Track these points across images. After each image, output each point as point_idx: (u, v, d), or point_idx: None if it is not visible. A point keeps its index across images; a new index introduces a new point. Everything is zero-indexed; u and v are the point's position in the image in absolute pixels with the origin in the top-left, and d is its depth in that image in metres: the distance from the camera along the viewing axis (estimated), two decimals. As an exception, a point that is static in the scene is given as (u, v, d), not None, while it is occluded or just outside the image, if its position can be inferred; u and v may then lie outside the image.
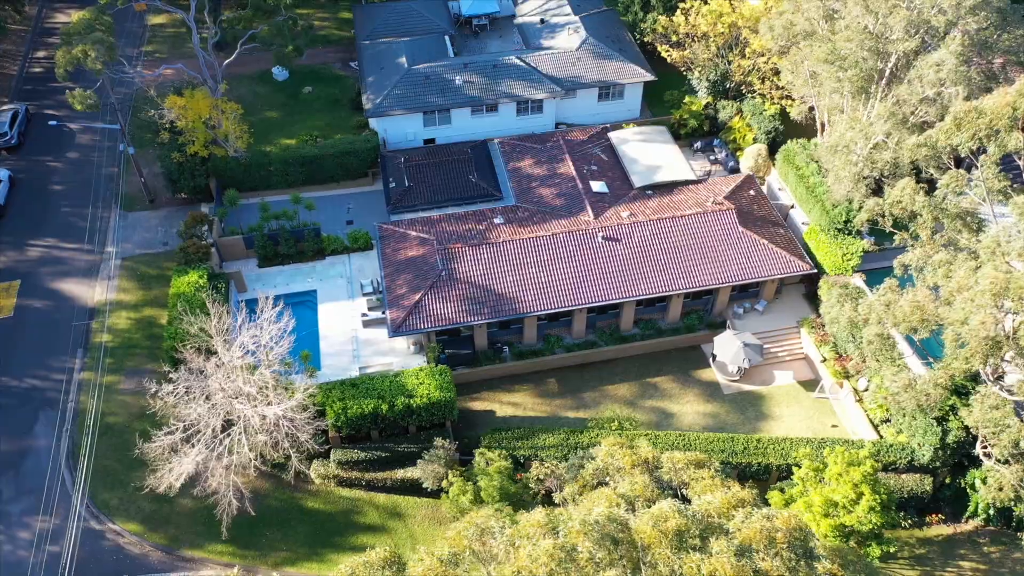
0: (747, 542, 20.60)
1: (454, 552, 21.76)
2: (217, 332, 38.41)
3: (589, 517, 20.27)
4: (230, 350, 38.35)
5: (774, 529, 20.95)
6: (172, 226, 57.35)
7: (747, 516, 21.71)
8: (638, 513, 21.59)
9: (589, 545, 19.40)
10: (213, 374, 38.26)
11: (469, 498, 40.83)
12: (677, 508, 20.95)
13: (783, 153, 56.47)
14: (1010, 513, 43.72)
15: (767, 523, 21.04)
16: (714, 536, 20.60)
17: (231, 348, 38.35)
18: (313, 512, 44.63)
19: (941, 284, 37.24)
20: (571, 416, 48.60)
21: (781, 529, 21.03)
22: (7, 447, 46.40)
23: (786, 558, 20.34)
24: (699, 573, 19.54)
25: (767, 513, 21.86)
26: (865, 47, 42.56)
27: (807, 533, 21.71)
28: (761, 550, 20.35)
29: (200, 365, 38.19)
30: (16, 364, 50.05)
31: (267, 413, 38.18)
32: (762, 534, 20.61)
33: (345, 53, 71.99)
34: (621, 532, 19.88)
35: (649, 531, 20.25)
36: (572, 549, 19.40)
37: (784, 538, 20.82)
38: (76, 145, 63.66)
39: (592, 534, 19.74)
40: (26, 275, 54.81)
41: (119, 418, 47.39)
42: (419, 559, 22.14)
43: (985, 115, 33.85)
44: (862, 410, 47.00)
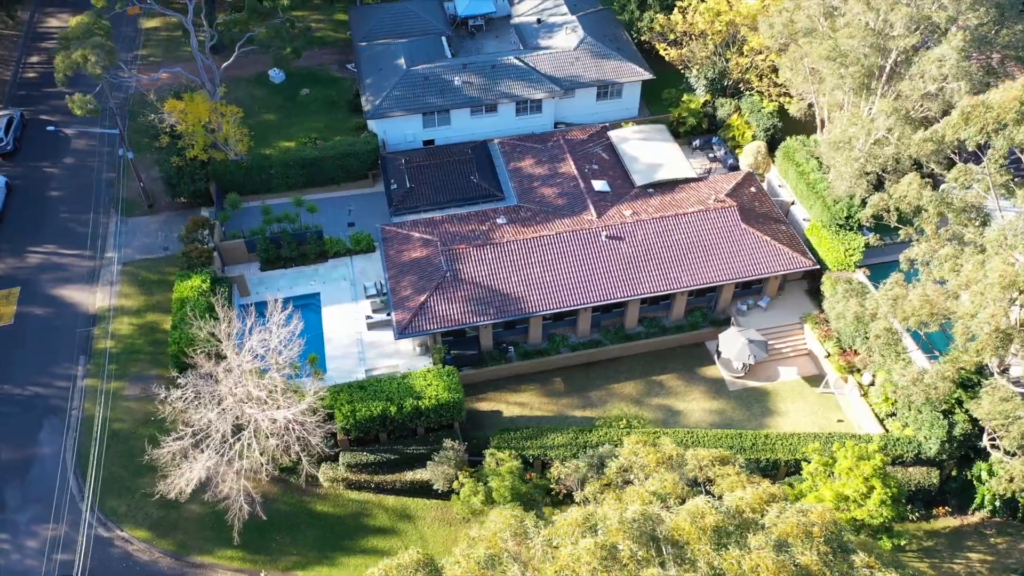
0: (784, 537, 20.71)
1: (491, 554, 21.72)
2: (227, 336, 38.22)
3: (626, 515, 20.30)
4: (240, 354, 38.16)
5: (810, 523, 21.06)
6: (172, 231, 57.05)
7: (781, 511, 21.84)
8: (672, 510, 21.65)
9: (629, 543, 19.42)
10: (223, 378, 38.07)
11: (480, 499, 40.81)
12: (713, 504, 21.05)
13: (783, 150, 56.73)
14: (1016, 504, 44.11)
15: (803, 518, 21.14)
16: (750, 532, 20.68)
17: (241, 352, 38.16)
18: (322, 515, 44.51)
19: (948, 278, 37.49)
20: (578, 415, 48.65)
21: (817, 523, 21.14)
22: (11, 455, 46.04)
23: (823, 552, 20.47)
24: (739, 568, 19.63)
25: (801, 508, 21.97)
26: (867, 43, 42.80)
27: (841, 527, 21.86)
28: (799, 544, 20.46)
29: (211, 369, 38.00)
30: (18, 372, 49.67)
31: (277, 417, 38.03)
32: (799, 528, 20.72)
33: (341, 55, 71.81)
34: (659, 529, 19.94)
35: (688, 527, 20.32)
36: (613, 547, 19.43)
37: (820, 532, 20.93)
38: (72, 150, 63.22)
39: (631, 532, 19.78)
40: (26, 282, 54.40)
41: (124, 424, 47.11)
42: (455, 562, 22.08)
43: (993, 109, 34.15)
44: (867, 404, 47.27)
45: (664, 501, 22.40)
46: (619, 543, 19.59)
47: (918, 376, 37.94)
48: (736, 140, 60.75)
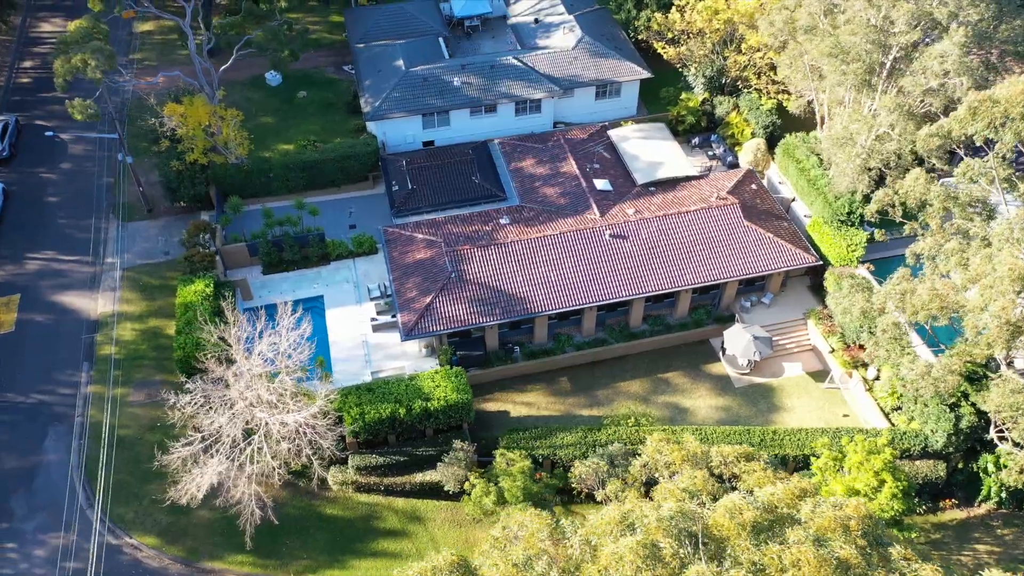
0: (822, 531, 20.83)
1: (529, 555, 21.68)
2: (237, 340, 38.03)
3: (663, 512, 20.34)
4: (250, 358, 37.99)
5: (847, 517, 21.18)
6: (172, 235, 56.73)
7: (815, 506, 21.96)
8: (708, 507, 21.73)
9: (670, 541, 19.44)
10: (234, 383, 37.90)
11: (492, 499, 40.79)
12: (749, 500, 21.11)
13: (783, 147, 57.02)
14: (1022, 495, 44.47)
15: (839, 512, 21.27)
16: (784, 527, 20.78)
17: (251, 356, 37.99)
18: (332, 519, 44.37)
19: (955, 272, 37.77)
20: (585, 414, 48.71)
21: (854, 517, 21.26)
22: (17, 464, 45.66)
23: (861, 546, 20.59)
24: (780, 563, 19.72)
25: (835, 502, 22.10)
26: (869, 40, 43.07)
27: (877, 521, 22.00)
28: (837, 538, 20.58)
29: (222, 374, 37.82)
30: (21, 379, 49.25)
31: (288, 420, 37.88)
32: (836, 522, 20.83)
33: (337, 57, 71.61)
34: (696, 526, 19.98)
35: (727, 523, 20.38)
36: (654, 545, 19.45)
37: (858, 526, 21.05)
38: (69, 156, 62.73)
39: (671, 530, 19.81)
40: (25, 289, 53.94)
41: (130, 431, 46.81)
42: (492, 564, 22.02)
43: (1000, 103, 34.45)
44: (873, 399, 47.56)
45: (695, 498, 22.46)
46: (660, 541, 19.62)
47: (926, 370, 38.18)
48: (735, 138, 60.99)
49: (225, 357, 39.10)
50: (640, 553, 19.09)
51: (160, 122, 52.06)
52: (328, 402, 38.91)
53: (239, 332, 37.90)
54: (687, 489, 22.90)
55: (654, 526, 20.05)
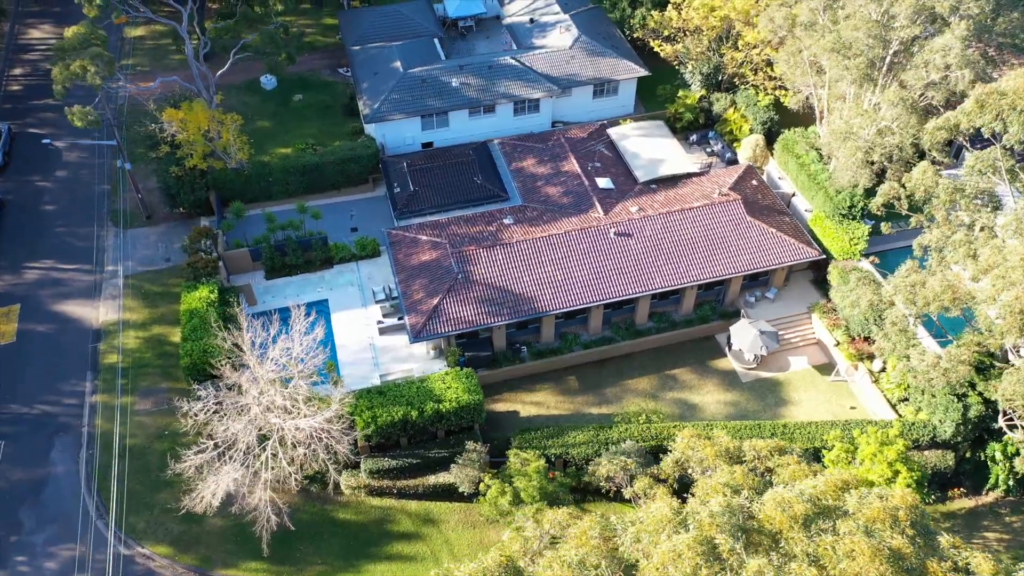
0: (871, 522, 21.00)
1: (583, 554, 21.63)
2: (250, 346, 37.79)
3: (715, 508, 20.43)
4: (263, 363, 37.76)
5: (895, 508, 21.36)
6: (173, 242, 56.28)
7: (861, 497, 22.13)
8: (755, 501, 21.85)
9: (726, 537, 19.53)
10: (248, 388, 37.65)
11: (508, 499, 40.76)
12: (797, 493, 21.25)
13: (782, 142, 57.31)
14: (1029, 483, 44.99)
15: (886, 502, 21.43)
16: (831, 518, 20.92)
17: (265, 361, 37.75)
18: (345, 523, 44.19)
19: (963, 263, 38.13)
20: (594, 412, 48.78)
21: (901, 508, 21.44)
22: (24, 476, 45.13)
23: (910, 535, 20.77)
24: (834, 554, 19.85)
25: (881, 493, 22.28)
26: (871, 35, 43.41)
27: (923, 511, 22.20)
28: (887, 529, 20.74)
29: (237, 380, 37.56)
30: (25, 390, 48.69)
31: (303, 425, 37.68)
32: (885, 513, 21.01)
33: (332, 59, 71.29)
34: (747, 521, 20.07)
35: (780, 517, 20.49)
36: (711, 541, 19.53)
37: (906, 516, 21.25)
38: (64, 163, 62.08)
39: (725, 526, 19.87)
40: (25, 299, 53.33)
41: (138, 439, 46.39)
42: (547, 564, 21.98)
43: (1007, 95, 34.83)
44: (879, 391, 47.94)
45: (738, 493, 22.58)
46: (716, 537, 19.70)
47: (937, 361, 38.53)
48: (733, 134, 61.25)
49: (239, 363, 38.82)
50: (698, 550, 19.15)
51: (160, 127, 51.59)
52: (343, 406, 38.69)
53: (253, 337, 37.61)
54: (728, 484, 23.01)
55: (707, 522, 20.13)
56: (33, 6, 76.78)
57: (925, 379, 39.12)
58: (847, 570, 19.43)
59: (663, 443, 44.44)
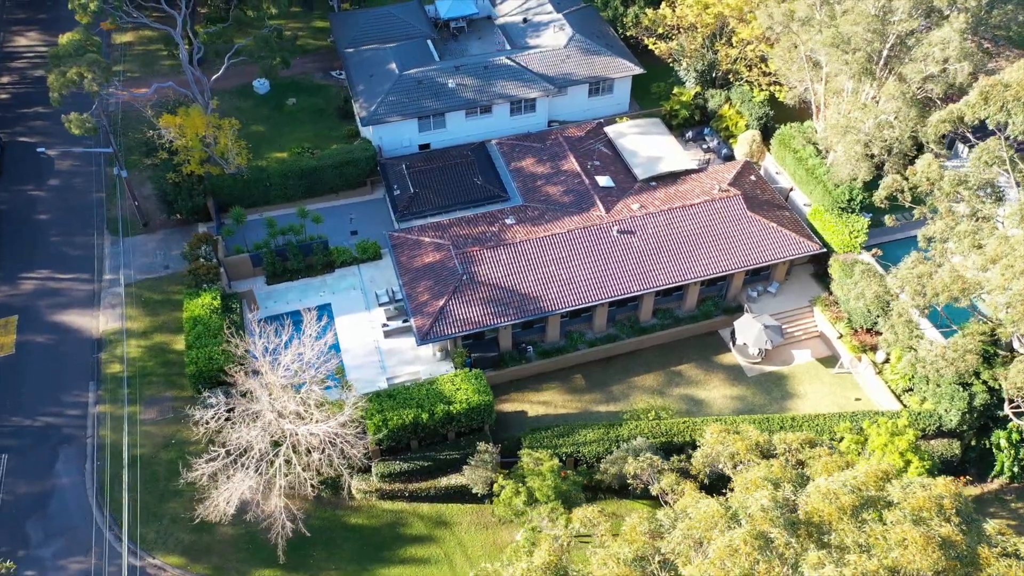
0: (917, 511, 21.18)
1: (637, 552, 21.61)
2: (262, 352, 37.52)
3: (766, 502, 20.52)
4: (276, 369, 37.51)
5: (940, 496, 21.57)
6: (171, 249, 55.79)
7: (904, 487, 22.31)
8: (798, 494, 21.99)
9: (780, 531, 19.61)
10: (261, 395, 37.38)
11: (523, 499, 40.74)
12: (839, 484, 21.40)
13: (778, 137, 57.70)
14: (1034, 469, 45.55)
15: (930, 491, 21.63)
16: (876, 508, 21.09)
17: (277, 367, 37.50)
18: (357, 528, 43.98)
19: (968, 253, 38.55)
20: (602, 410, 48.87)
21: (946, 496, 21.66)
22: (30, 489, 44.56)
23: (956, 523, 20.98)
24: (886, 543, 19.98)
25: (923, 482, 22.49)
26: (870, 29, 43.80)
27: (967, 499, 22.42)
28: (934, 517, 20.94)
29: (251, 386, 37.28)
30: (27, 402, 48.07)
31: (318, 431, 37.47)
32: (930, 502, 21.21)
33: (324, 62, 70.94)
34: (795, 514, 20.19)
35: (828, 509, 20.64)
36: (764, 535, 19.60)
37: (951, 504, 21.46)
38: (57, 172, 61.37)
39: (777, 520, 19.97)
40: (23, 310, 52.65)
41: (145, 449, 45.94)
42: (601, 562, 21.94)
43: (1011, 87, 35.28)
44: (883, 381, 48.37)
45: (778, 486, 22.68)
46: (770, 531, 19.78)
47: (944, 351, 38.93)
48: (730, 130, 61.58)
49: (252, 369, 38.54)
50: (754, 544, 19.23)
51: (158, 134, 51.10)
52: (357, 410, 38.52)
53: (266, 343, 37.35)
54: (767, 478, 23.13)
55: (760, 516, 20.22)
56: (19, 13, 75.78)
57: (934, 369, 39.49)
58: (900, 559, 19.61)
59: (673, 439, 44.73)
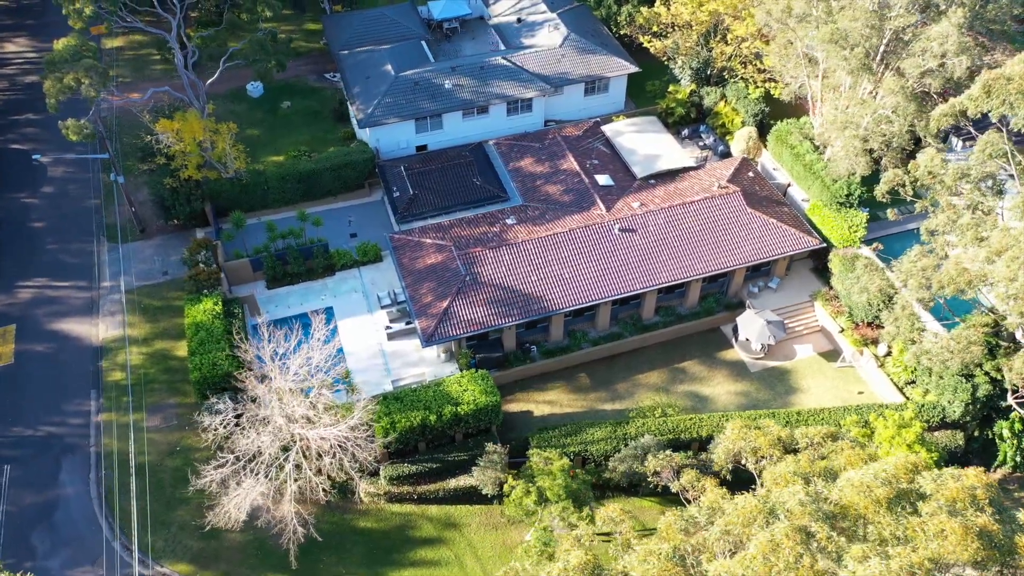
0: (951, 502, 21.34)
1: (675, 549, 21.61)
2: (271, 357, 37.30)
3: (803, 496, 20.60)
4: (285, 374, 37.30)
5: (972, 487, 21.74)
6: (170, 254, 55.37)
7: (935, 478, 22.47)
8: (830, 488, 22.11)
9: (821, 525, 19.72)
10: (270, 399, 37.17)
11: (533, 499, 40.71)
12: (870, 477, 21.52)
13: (775, 133, 57.99)
14: (1037, 458, 46.00)
15: (961, 482, 21.80)
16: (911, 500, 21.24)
17: (286, 372, 37.29)
18: (366, 531, 43.83)
19: (971, 246, 38.89)
20: (608, 409, 48.93)
21: (979, 486, 21.83)
22: (34, 499, 44.09)
23: (990, 513, 21.15)
24: (924, 534, 20.12)
25: (954, 473, 22.66)
26: (868, 25, 44.11)
27: (998, 489, 22.59)
28: (968, 508, 21.11)
29: (261, 392, 37.05)
30: (27, 412, 47.57)
31: (328, 435, 37.29)
32: (964, 492, 21.38)
33: (317, 64, 70.65)
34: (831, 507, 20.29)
35: (863, 502, 20.76)
36: (805, 530, 19.67)
37: (984, 495, 21.64)
38: (50, 179, 60.74)
39: (816, 514, 20.07)
40: (20, 319, 52.07)
41: (149, 457, 45.56)
42: (641, 559, 21.93)
43: (1013, 80, 35.64)
44: (885, 374, 48.72)
45: (808, 480, 22.78)
46: (810, 524, 19.89)
47: (950, 343, 39.25)
48: (725, 127, 61.81)
49: (261, 374, 38.31)
50: (796, 539, 19.30)
51: (156, 139, 50.70)
52: (367, 413, 38.37)
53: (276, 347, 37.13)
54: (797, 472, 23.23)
55: (799, 511, 20.32)
56: (6, 19, 74.95)
57: (940, 361, 39.82)
58: (940, 550, 19.78)
59: (680, 436, 44.87)
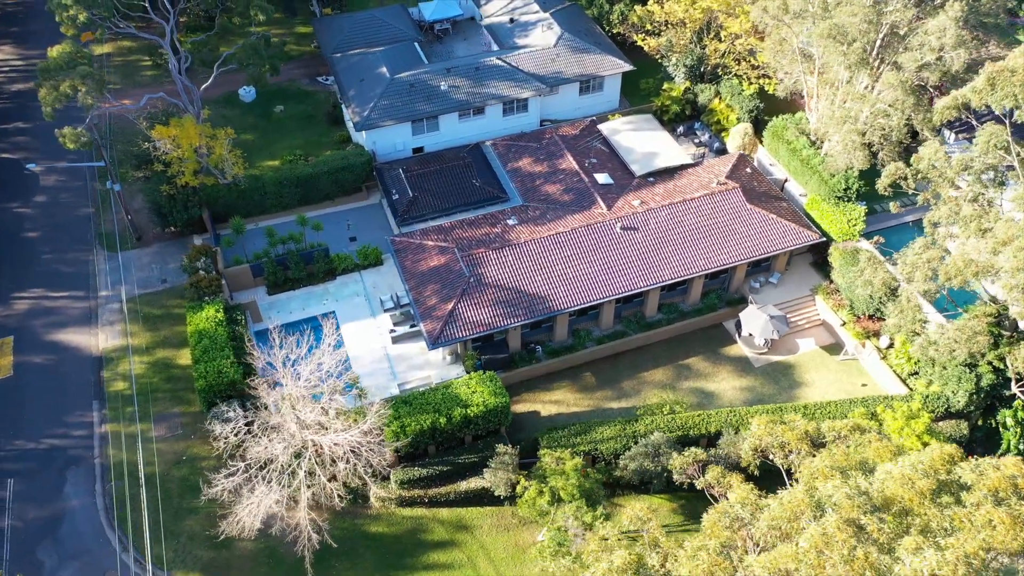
0: (994, 492, 21.50)
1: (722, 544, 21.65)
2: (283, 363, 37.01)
3: (849, 489, 20.69)
4: (297, 380, 37.02)
5: (1013, 476, 21.92)
6: (167, 262, 54.82)
7: (974, 468, 22.66)
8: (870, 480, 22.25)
9: (871, 518, 19.83)
10: (283, 406, 36.88)
11: (547, 499, 40.68)
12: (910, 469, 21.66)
13: (771, 129, 58.31)
14: (1040, 446, 46.51)
15: (1001, 472, 21.99)
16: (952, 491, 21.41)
17: (299, 378, 37.01)
18: (378, 536, 43.59)
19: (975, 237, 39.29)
20: (615, 407, 48.98)
21: (1019, 475, 22.01)
22: (39, 513, 43.47)
23: None
24: (973, 525, 20.27)
25: (994, 463, 22.85)
26: (867, 20, 44.45)
27: None
28: (1010, 497, 21.29)
29: (274, 398, 36.75)
30: (29, 425, 46.91)
31: (340, 440, 37.06)
32: (1006, 481, 21.56)
33: (310, 68, 70.24)
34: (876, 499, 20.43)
35: (908, 494, 20.88)
36: (855, 522, 19.76)
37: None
38: (43, 188, 59.98)
39: (863, 506, 20.16)
40: (18, 330, 51.34)
41: (155, 467, 45.06)
42: (690, 555, 21.92)
43: (1017, 72, 36.05)
44: (888, 366, 49.11)
45: (844, 474, 22.89)
46: (860, 517, 20.01)
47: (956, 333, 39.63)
48: (721, 124, 62.09)
49: (273, 380, 38.01)
50: (848, 532, 19.38)
51: (154, 145, 50.15)
52: (381, 418, 38.15)
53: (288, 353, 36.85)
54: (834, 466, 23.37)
55: (847, 504, 20.43)
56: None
57: (948, 351, 40.18)
58: (989, 540, 19.95)
59: (689, 432, 45.00)
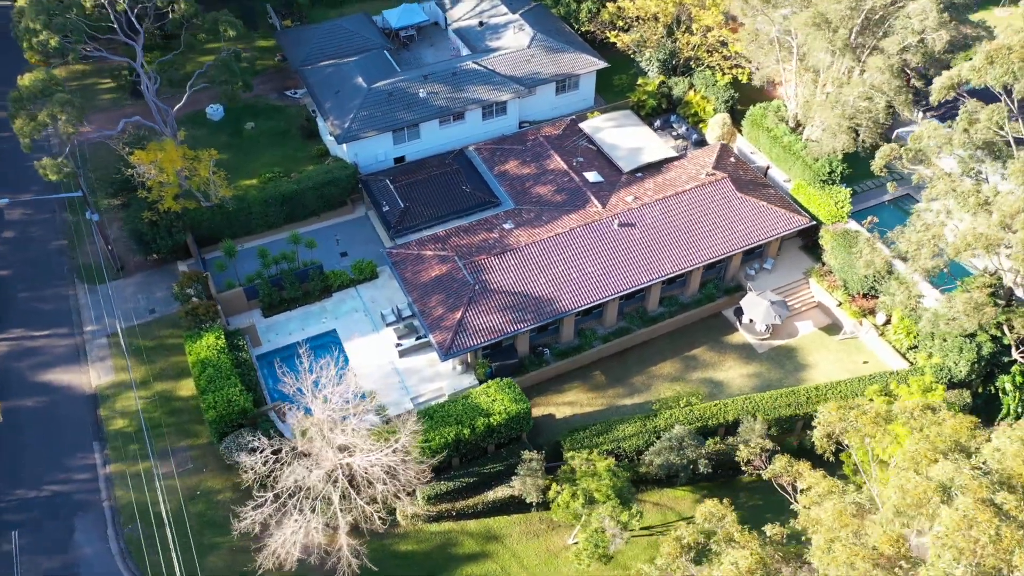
0: None
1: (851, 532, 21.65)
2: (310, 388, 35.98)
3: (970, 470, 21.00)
4: (327, 403, 36.05)
5: None
6: (153, 291, 52.86)
7: None
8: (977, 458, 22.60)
9: (1007, 495, 20.15)
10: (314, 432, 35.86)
11: (581, 502, 40.51)
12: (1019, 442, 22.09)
13: (750, 118, 59.23)
14: (1040, 409, 48.29)
15: None
16: None
17: (329, 401, 36.04)
18: (408, 555, 42.84)
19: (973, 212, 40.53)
20: (628, 403, 49.09)
21: None
22: (50, 564, 41.39)
23: None
24: None
25: None
26: (849, 6, 45.48)
27: None
28: None
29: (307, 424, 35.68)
30: (28, 473, 44.63)
31: (377, 461, 36.23)
32: None
33: (276, 82, 68.58)
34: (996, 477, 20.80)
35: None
36: (990, 501, 20.06)
37: None
38: (8, 222, 57.18)
39: (992, 487, 20.47)
40: (3, 373, 48.78)
41: (170, 505, 43.39)
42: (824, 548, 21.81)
43: (1014, 50, 37.29)
44: (887, 342, 50.39)
45: (945, 455, 23.24)
46: (993, 496, 20.33)
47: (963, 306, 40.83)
48: (698, 115, 62.79)
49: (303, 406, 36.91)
50: (989, 512, 19.69)
51: (136, 172, 48.22)
52: (414, 436, 37.43)
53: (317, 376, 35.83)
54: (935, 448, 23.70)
55: (975, 485, 20.75)
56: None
57: (958, 325, 41.36)
58: None
59: (708, 423, 45.39)
